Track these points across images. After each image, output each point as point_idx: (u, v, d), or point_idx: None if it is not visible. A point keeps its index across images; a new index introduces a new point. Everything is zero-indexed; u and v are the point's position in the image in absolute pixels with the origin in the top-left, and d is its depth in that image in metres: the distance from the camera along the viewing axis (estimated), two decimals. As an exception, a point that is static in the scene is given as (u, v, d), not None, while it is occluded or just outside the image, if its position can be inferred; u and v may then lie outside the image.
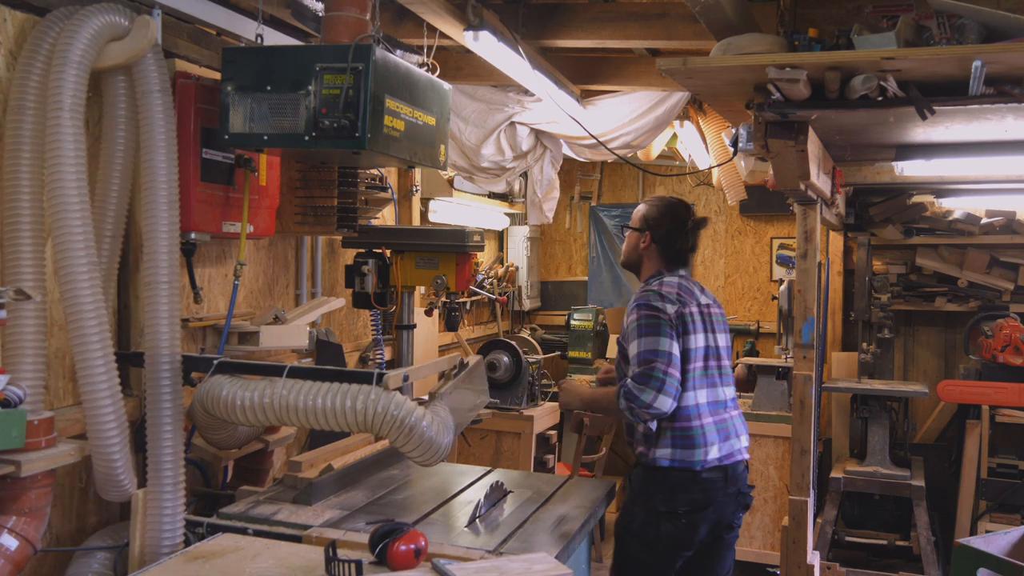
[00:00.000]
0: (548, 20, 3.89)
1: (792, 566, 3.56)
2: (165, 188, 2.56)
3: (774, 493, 4.97)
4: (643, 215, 3.13)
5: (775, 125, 2.80)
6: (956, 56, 2.30)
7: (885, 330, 5.16)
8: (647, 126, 4.94)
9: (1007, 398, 4.76)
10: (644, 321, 2.89)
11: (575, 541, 2.57)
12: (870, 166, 4.45)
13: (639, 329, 2.88)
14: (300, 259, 3.78)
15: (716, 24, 2.87)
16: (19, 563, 2.28)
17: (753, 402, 5.14)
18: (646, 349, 2.84)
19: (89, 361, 2.39)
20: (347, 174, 3.41)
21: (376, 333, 4.19)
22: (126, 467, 2.50)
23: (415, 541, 2.14)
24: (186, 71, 2.79)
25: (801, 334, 3.55)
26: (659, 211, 3.10)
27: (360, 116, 2.52)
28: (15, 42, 2.42)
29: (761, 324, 6.62)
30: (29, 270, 2.34)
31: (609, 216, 7.13)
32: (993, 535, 3.08)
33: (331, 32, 2.81)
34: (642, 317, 2.90)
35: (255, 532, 2.46)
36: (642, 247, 3.12)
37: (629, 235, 3.17)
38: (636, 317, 2.91)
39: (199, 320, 3.06)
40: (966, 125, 3.27)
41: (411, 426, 2.44)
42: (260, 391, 2.52)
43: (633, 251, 3.16)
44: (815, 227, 3.58)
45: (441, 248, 3.41)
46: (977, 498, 4.85)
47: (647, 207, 3.14)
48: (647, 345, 2.84)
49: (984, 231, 5.42)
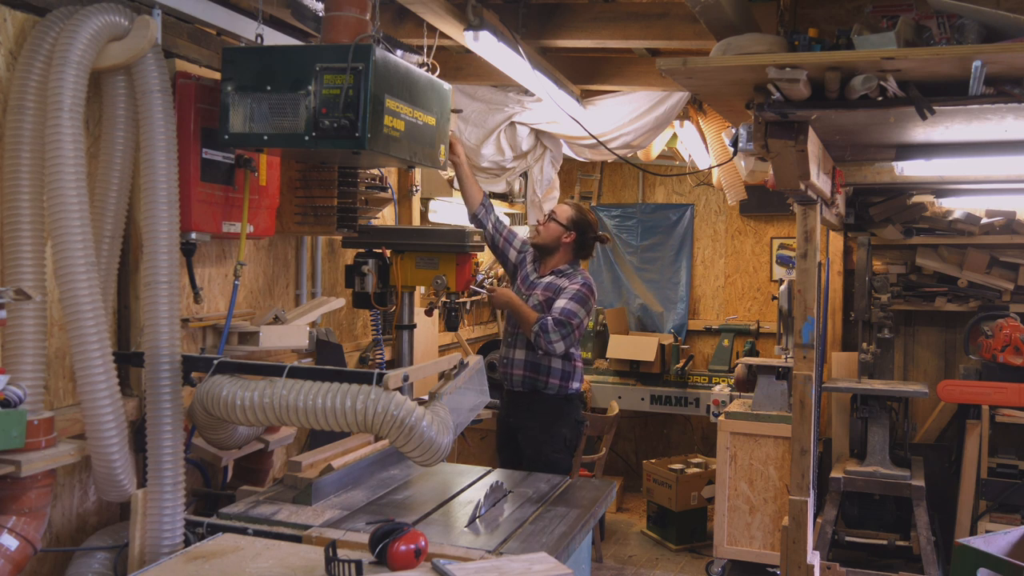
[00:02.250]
0: (548, 20, 3.89)
1: (792, 566, 3.56)
2: (165, 188, 2.56)
3: (774, 493, 4.97)
4: (572, 217, 4.03)
5: (775, 125, 2.79)
6: (956, 56, 2.30)
7: (885, 330, 5.16)
8: (647, 126, 4.94)
9: (1007, 398, 4.76)
10: (583, 293, 3.90)
11: (575, 541, 2.57)
12: (870, 166, 4.45)
13: (576, 295, 3.88)
14: (300, 259, 3.78)
15: (716, 24, 2.87)
16: (19, 563, 2.28)
17: (753, 402, 5.14)
18: (573, 310, 3.85)
19: (88, 362, 2.38)
20: (347, 174, 3.41)
21: (376, 333, 4.18)
22: (125, 467, 2.50)
23: (415, 541, 2.14)
24: (186, 71, 2.79)
25: (801, 334, 3.55)
26: (585, 220, 4.05)
27: (360, 116, 2.51)
28: (15, 42, 2.42)
29: (761, 324, 6.62)
30: (29, 270, 2.34)
31: (609, 216, 7.13)
32: (993, 535, 3.09)
33: (331, 32, 2.80)
34: (583, 289, 3.92)
35: (255, 532, 2.46)
36: (564, 240, 4.02)
37: (553, 226, 4.02)
38: (579, 287, 3.91)
39: (199, 320, 3.06)
40: (966, 125, 3.27)
41: (411, 426, 2.44)
42: (260, 391, 2.52)
43: (555, 240, 4.03)
44: (815, 227, 3.58)
45: (441, 248, 3.41)
46: (977, 498, 4.85)
47: (576, 212, 4.05)
48: (575, 307, 3.86)
49: (984, 231, 5.42)
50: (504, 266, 4.31)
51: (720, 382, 6.24)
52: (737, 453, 5.02)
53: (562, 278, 3.97)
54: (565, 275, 3.99)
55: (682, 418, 6.95)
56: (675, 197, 7.14)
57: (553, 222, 4.03)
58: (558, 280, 3.97)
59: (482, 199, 4.16)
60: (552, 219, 4.04)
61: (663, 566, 5.37)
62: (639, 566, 5.34)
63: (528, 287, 4.06)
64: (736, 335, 6.65)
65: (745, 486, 5.03)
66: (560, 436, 3.94)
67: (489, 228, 4.16)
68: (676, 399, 6.40)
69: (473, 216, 4.19)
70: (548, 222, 4.05)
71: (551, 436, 3.93)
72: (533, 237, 4.15)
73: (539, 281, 4.03)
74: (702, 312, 7.03)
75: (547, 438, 3.92)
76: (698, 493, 5.66)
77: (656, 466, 5.83)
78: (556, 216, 4.04)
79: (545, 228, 4.04)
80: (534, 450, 3.91)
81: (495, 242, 4.20)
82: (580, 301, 3.87)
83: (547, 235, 4.03)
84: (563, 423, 3.97)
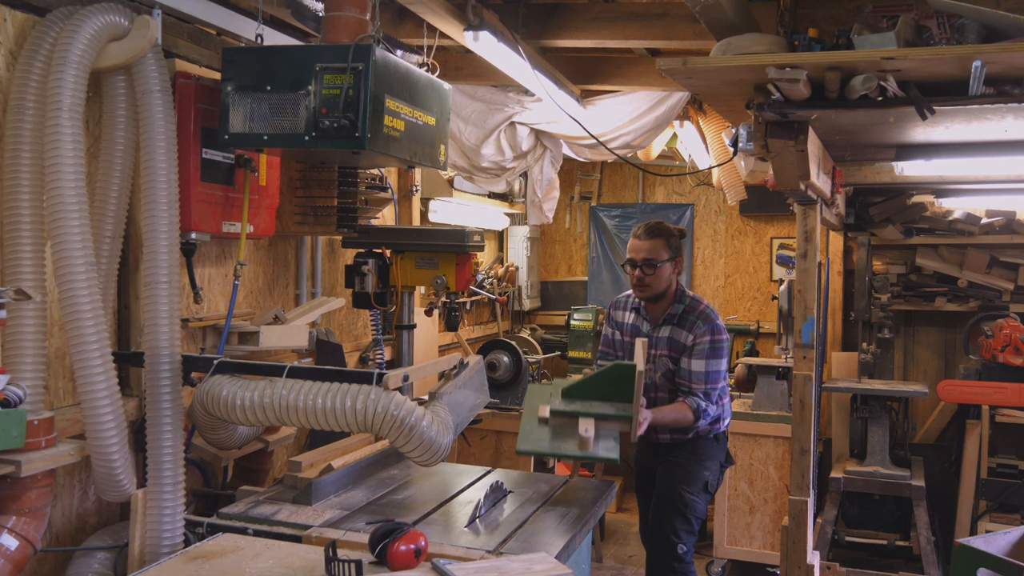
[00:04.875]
0: (548, 20, 3.89)
1: (792, 566, 3.55)
2: (165, 188, 2.56)
3: (774, 493, 4.97)
4: (667, 245, 3.44)
5: (775, 125, 2.79)
6: (956, 56, 2.29)
7: (885, 330, 5.16)
8: (647, 126, 4.94)
9: (1007, 398, 4.76)
10: (717, 344, 3.40)
11: (575, 541, 2.57)
12: (870, 166, 4.45)
13: (710, 350, 3.38)
14: (300, 259, 3.78)
15: (716, 24, 2.87)
16: (19, 563, 2.28)
17: (753, 402, 5.14)
18: (714, 371, 3.38)
19: (87, 362, 2.39)
20: (347, 174, 3.41)
21: (376, 333, 4.18)
22: (125, 467, 2.50)
23: (415, 541, 2.14)
24: (186, 71, 2.79)
25: (801, 334, 3.55)
26: (670, 232, 3.47)
27: (360, 116, 2.52)
28: (15, 42, 2.42)
29: (761, 324, 6.61)
30: (29, 270, 2.34)
31: (609, 216, 7.13)
32: (993, 535, 3.08)
33: (331, 32, 2.80)
34: (714, 339, 3.39)
35: (255, 532, 2.46)
36: (673, 275, 3.48)
37: (659, 272, 3.41)
38: (708, 340, 3.38)
39: (199, 320, 3.06)
40: (966, 125, 3.27)
41: (411, 426, 2.44)
42: (260, 391, 2.52)
43: (667, 283, 3.47)
44: (815, 227, 3.58)
45: (441, 248, 3.41)
46: (977, 498, 4.85)
47: (662, 235, 3.44)
48: (714, 366, 3.39)
49: (984, 231, 5.42)
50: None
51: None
52: (737, 453, 5.02)
53: (680, 328, 3.43)
54: (682, 324, 3.44)
55: (682, 418, 6.94)
56: (675, 197, 7.14)
57: (654, 267, 3.40)
58: (677, 333, 3.44)
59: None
60: (649, 264, 3.40)
61: (663, 566, 5.37)
62: (639, 566, 5.34)
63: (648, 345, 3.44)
64: (736, 335, 6.65)
65: (745, 486, 5.03)
66: (702, 478, 3.45)
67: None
68: (676, 399, 6.39)
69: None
70: (648, 271, 3.41)
71: (691, 476, 3.43)
72: (641, 293, 3.49)
73: (658, 338, 3.48)
74: (702, 312, 7.02)
75: (685, 476, 3.43)
76: (698, 493, 5.66)
77: (656, 466, 5.82)
78: (653, 259, 3.40)
79: (652, 280, 3.42)
80: (669, 487, 3.42)
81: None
82: (716, 355, 3.38)
83: (658, 285, 3.44)
84: (707, 465, 3.47)
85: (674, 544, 3.36)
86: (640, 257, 3.42)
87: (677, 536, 3.36)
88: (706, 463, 3.47)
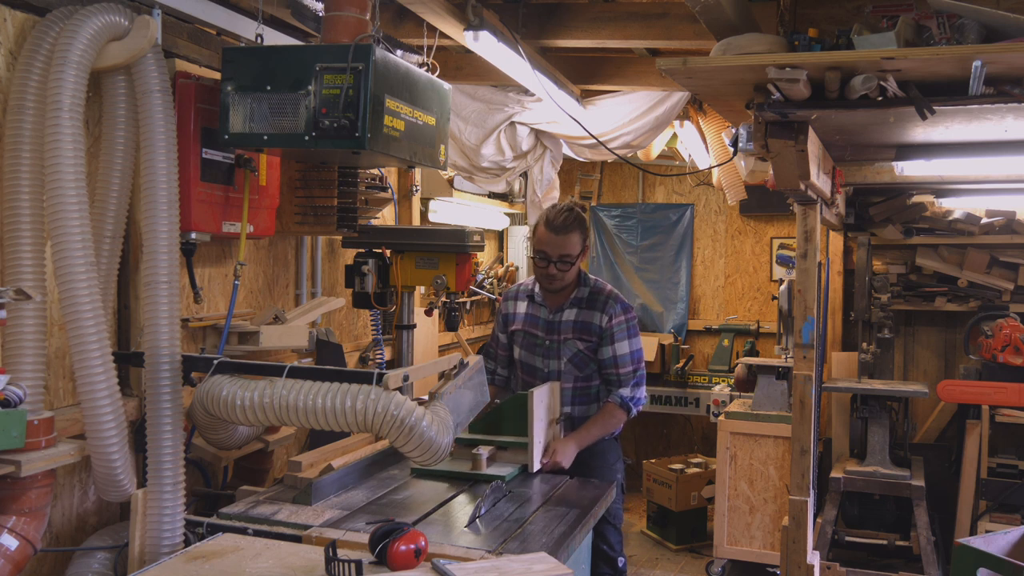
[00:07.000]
0: (548, 20, 3.89)
1: (792, 566, 3.55)
2: (165, 188, 2.56)
3: (774, 493, 4.97)
4: (581, 239, 3.33)
5: (775, 125, 2.79)
6: (956, 56, 2.30)
7: (885, 330, 5.16)
8: (647, 126, 4.94)
9: (1007, 398, 4.76)
10: (631, 323, 3.42)
11: (575, 541, 2.57)
12: (870, 166, 4.45)
13: (627, 330, 3.40)
14: (300, 259, 3.78)
15: (716, 24, 2.87)
16: (19, 563, 2.28)
17: (753, 402, 5.14)
18: (637, 350, 3.41)
19: (87, 362, 2.39)
20: (347, 174, 3.41)
21: (376, 333, 4.18)
22: (125, 467, 2.50)
23: (415, 541, 2.14)
24: (186, 71, 2.79)
25: (801, 334, 3.55)
26: (581, 219, 3.36)
27: (360, 116, 2.52)
28: (15, 42, 2.42)
29: (761, 324, 6.62)
30: (29, 270, 2.34)
31: (609, 216, 7.13)
32: (993, 535, 3.08)
33: (331, 32, 2.81)
34: (629, 318, 3.41)
35: (255, 532, 2.45)
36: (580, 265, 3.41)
37: (573, 268, 3.34)
38: (623, 320, 3.38)
39: (199, 320, 3.06)
40: (966, 125, 3.27)
41: (411, 426, 2.44)
42: (260, 391, 2.52)
43: (575, 276, 3.42)
44: (815, 227, 3.58)
45: (441, 248, 3.41)
46: (977, 498, 4.85)
47: (578, 225, 3.32)
48: (637, 345, 3.41)
49: (984, 231, 5.42)
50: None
51: (720, 382, 6.24)
52: (737, 453, 5.02)
53: (590, 311, 3.38)
54: (591, 306, 3.38)
55: (682, 418, 6.95)
56: (675, 197, 7.14)
57: (569, 264, 3.31)
58: (587, 315, 3.38)
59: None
60: (565, 261, 3.30)
61: (663, 566, 5.37)
62: (639, 566, 5.34)
63: (549, 331, 3.42)
64: (736, 335, 6.66)
65: (745, 486, 5.03)
66: (614, 468, 3.45)
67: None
68: (676, 399, 6.41)
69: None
70: (563, 267, 3.30)
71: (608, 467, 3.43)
72: (551, 285, 3.38)
73: (562, 322, 3.41)
74: (702, 312, 7.03)
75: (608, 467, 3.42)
76: (698, 493, 5.66)
77: (656, 466, 5.83)
78: (569, 254, 3.30)
79: (564, 275, 3.33)
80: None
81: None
82: (634, 333, 3.40)
83: (570, 277, 3.38)
84: (617, 467, 3.46)
85: (614, 559, 3.38)
86: (556, 253, 3.29)
87: (614, 551, 3.37)
88: (615, 465, 3.46)
